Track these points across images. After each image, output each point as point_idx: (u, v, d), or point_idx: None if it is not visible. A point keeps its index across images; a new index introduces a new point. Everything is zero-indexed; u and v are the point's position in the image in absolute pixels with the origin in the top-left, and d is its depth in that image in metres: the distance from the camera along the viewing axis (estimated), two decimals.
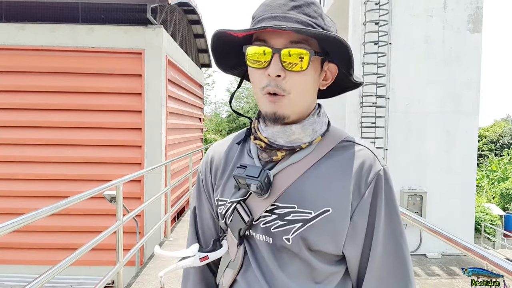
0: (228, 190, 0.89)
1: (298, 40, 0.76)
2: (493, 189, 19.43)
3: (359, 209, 0.80)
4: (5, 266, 6.37)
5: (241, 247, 0.86)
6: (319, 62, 0.81)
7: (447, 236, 1.98)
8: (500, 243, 13.54)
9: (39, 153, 6.41)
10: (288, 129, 0.81)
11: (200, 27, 10.86)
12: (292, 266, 0.81)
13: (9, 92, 6.40)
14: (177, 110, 7.91)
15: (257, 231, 0.83)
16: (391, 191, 0.82)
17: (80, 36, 6.42)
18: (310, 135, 0.83)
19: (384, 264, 0.81)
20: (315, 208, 0.79)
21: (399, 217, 0.83)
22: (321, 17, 0.80)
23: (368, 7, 6.57)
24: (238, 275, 0.87)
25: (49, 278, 2.16)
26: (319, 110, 0.87)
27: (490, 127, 32.68)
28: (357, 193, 0.80)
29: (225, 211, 0.88)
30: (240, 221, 0.84)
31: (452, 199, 6.56)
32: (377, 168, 0.81)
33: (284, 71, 0.76)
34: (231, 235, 0.87)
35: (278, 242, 0.81)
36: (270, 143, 0.83)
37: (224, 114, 26.23)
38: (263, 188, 0.79)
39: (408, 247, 0.84)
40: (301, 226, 0.79)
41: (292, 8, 0.77)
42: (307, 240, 0.79)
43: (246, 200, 0.84)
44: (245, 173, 0.80)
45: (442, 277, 5.70)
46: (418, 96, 6.65)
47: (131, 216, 3.80)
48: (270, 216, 0.82)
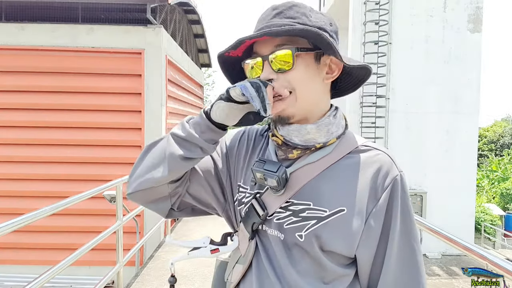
0: (249, 179, 0.90)
1: (282, 43, 0.79)
2: (493, 189, 19.43)
3: (375, 213, 0.80)
4: (5, 266, 6.36)
5: (252, 242, 0.86)
6: (311, 57, 0.82)
7: (447, 236, 1.98)
8: (500, 243, 13.54)
9: (39, 153, 6.41)
10: (303, 128, 0.83)
11: (200, 27, 10.86)
12: (302, 263, 0.82)
13: (9, 92, 6.40)
14: (177, 110, 7.91)
15: (271, 226, 0.84)
16: (407, 196, 0.83)
17: (80, 36, 6.42)
18: (325, 136, 0.84)
19: (399, 267, 0.82)
20: (330, 207, 0.80)
21: (413, 223, 0.84)
22: (304, 15, 0.81)
23: (368, 7, 6.57)
24: (248, 270, 0.87)
25: (49, 278, 2.16)
26: (336, 112, 0.88)
27: (490, 127, 32.67)
28: (373, 197, 0.81)
29: (244, 200, 0.89)
30: (255, 215, 0.84)
31: (452, 199, 6.56)
32: (394, 173, 0.83)
33: (275, 74, 0.80)
34: (243, 230, 0.88)
35: (290, 238, 0.82)
36: (286, 141, 0.85)
37: None
38: (280, 183, 0.79)
39: (421, 252, 0.85)
40: (315, 223, 0.79)
41: (275, 16, 0.81)
42: (320, 239, 0.79)
43: (262, 195, 0.85)
44: (263, 167, 0.81)
45: (442, 277, 5.71)
46: (418, 96, 6.65)
47: (131, 216, 3.80)
48: (284, 212, 0.82)
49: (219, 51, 0.84)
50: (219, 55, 0.85)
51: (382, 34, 6.55)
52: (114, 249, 3.53)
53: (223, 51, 0.83)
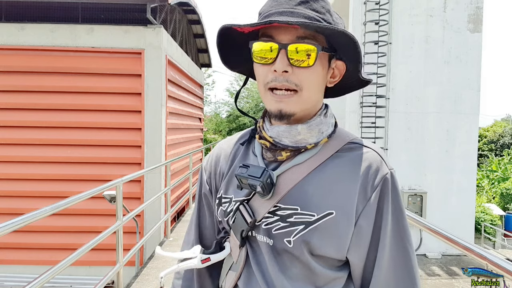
0: (232, 188, 0.88)
1: (305, 36, 0.75)
2: (493, 189, 19.42)
3: (365, 213, 0.77)
4: (5, 266, 6.37)
5: (243, 249, 0.84)
6: (326, 59, 0.80)
7: (447, 236, 1.98)
8: (500, 243, 13.53)
9: (39, 153, 6.41)
10: (293, 129, 0.80)
11: (200, 27, 10.86)
12: (293, 269, 0.79)
13: (9, 92, 6.40)
14: (177, 110, 7.91)
15: (259, 232, 0.82)
16: (398, 195, 0.80)
17: (80, 36, 6.42)
18: (316, 136, 0.81)
19: (391, 267, 0.79)
20: (318, 211, 0.76)
21: (405, 222, 0.81)
22: (329, 12, 0.78)
23: (368, 7, 6.57)
24: (240, 277, 0.85)
25: (49, 278, 2.16)
26: (326, 111, 0.85)
27: (490, 127, 32.65)
28: (363, 197, 0.77)
29: (229, 209, 0.86)
30: (243, 222, 0.82)
31: (452, 199, 6.56)
32: (384, 171, 0.79)
33: (291, 67, 0.75)
34: (233, 237, 0.86)
35: (279, 244, 0.79)
36: (275, 143, 0.81)
37: (224, 114, 26.23)
38: (265, 188, 0.77)
39: (414, 252, 0.82)
40: (303, 228, 0.76)
41: (300, 3, 0.76)
42: (309, 244, 0.76)
43: (250, 201, 0.83)
44: (247, 172, 0.78)
45: (442, 277, 5.70)
46: (418, 96, 6.65)
47: (131, 216, 3.80)
48: (272, 217, 0.80)
49: (228, 23, 0.78)
50: (225, 26, 0.78)
51: (382, 34, 6.55)
52: (114, 249, 3.53)
53: (236, 25, 0.77)
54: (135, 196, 6.42)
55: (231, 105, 25.20)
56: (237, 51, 0.86)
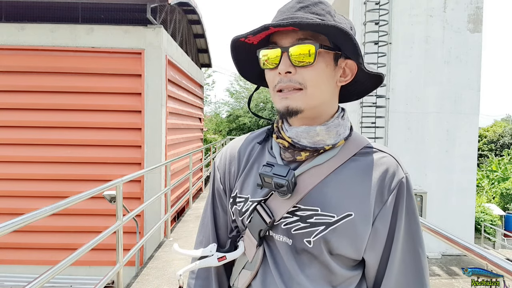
0: (247, 187, 0.89)
1: (305, 37, 0.78)
2: (493, 189, 19.42)
3: (381, 216, 0.80)
4: (5, 266, 6.37)
5: (260, 248, 0.85)
6: (331, 57, 0.81)
7: (447, 236, 1.98)
8: (500, 243, 13.54)
9: (39, 153, 6.41)
10: (312, 130, 0.82)
11: (200, 27, 10.86)
12: (311, 268, 0.82)
13: (9, 92, 6.40)
14: (177, 110, 7.91)
15: (278, 232, 0.83)
16: (412, 198, 0.83)
17: (80, 36, 6.42)
18: (334, 138, 0.83)
19: (402, 270, 0.82)
20: (338, 212, 0.79)
21: (418, 225, 0.84)
22: (329, 14, 0.80)
23: (368, 7, 6.58)
24: (256, 276, 0.86)
25: (49, 278, 2.16)
26: (343, 114, 0.88)
27: (490, 127, 32.64)
28: (380, 200, 0.80)
29: (245, 209, 0.87)
30: (261, 222, 0.83)
31: (452, 199, 6.56)
32: (400, 175, 0.82)
33: (294, 67, 0.78)
34: (249, 236, 0.87)
35: (299, 244, 0.81)
36: (294, 143, 0.83)
37: (224, 114, 26.21)
38: (290, 188, 0.78)
39: (425, 256, 0.86)
40: (323, 229, 0.79)
41: (299, 9, 0.79)
42: (329, 244, 0.79)
43: (267, 201, 0.84)
44: (272, 171, 0.80)
45: (442, 277, 5.70)
46: (418, 96, 6.65)
47: (131, 216, 3.80)
48: (292, 217, 0.81)
49: (235, 35, 0.83)
50: (234, 39, 0.83)
51: (382, 34, 6.55)
52: (114, 249, 3.53)
53: (240, 35, 0.82)
54: (135, 196, 6.42)
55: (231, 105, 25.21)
56: (252, 62, 0.89)
